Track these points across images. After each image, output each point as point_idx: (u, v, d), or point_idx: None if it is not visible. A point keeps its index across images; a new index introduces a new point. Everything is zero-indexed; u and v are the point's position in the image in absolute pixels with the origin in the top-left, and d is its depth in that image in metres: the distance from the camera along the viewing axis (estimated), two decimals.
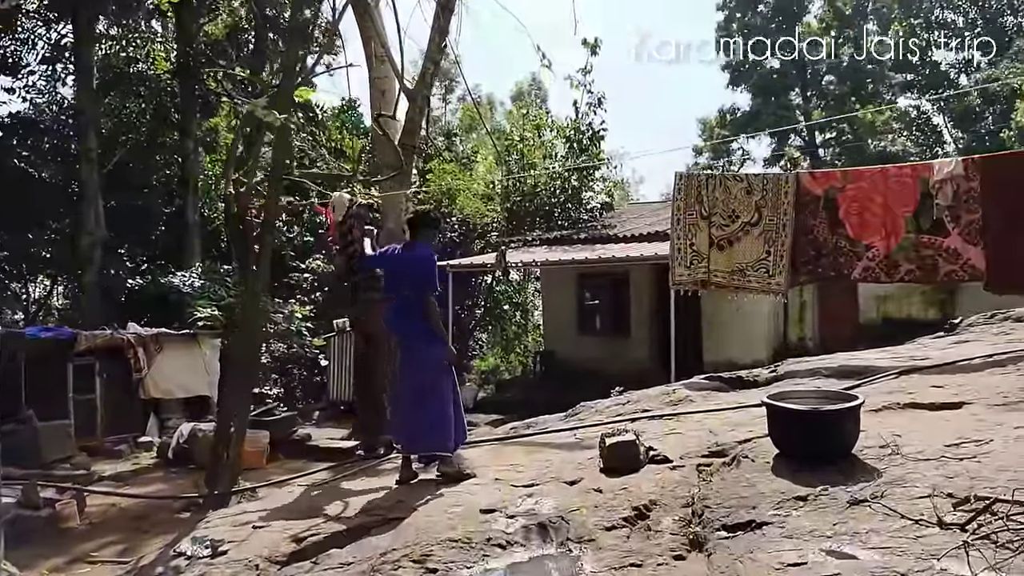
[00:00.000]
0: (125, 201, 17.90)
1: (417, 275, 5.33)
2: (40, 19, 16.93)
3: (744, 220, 7.32)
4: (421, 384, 5.28)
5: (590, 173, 18.13)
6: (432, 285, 5.39)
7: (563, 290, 16.70)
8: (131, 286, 15.86)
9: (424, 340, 5.30)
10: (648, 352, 15.68)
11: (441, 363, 5.38)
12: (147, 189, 18.79)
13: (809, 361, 7.37)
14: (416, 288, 5.31)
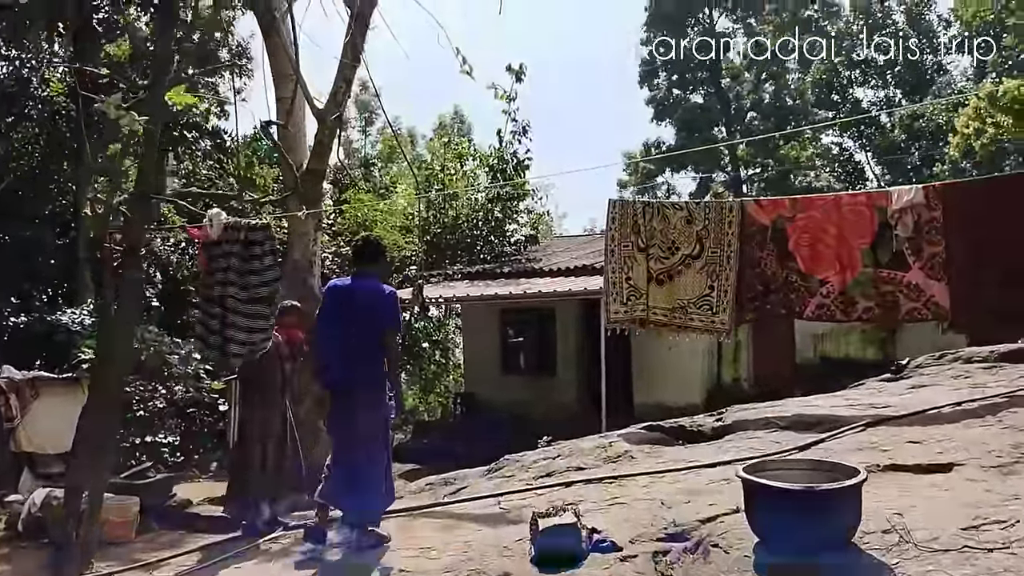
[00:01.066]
0: (12, 232, 16.42)
1: (377, 312, 4.86)
2: None
3: (685, 252, 6.71)
4: (369, 443, 4.83)
5: (514, 205, 17.53)
6: (397, 324, 5.02)
7: (485, 327, 15.94)
8: (15, 324, 14.38)
9: (378, 391, 4.86)
10: (576, 393, 15.01)
11: (389, 418, 5.01)
12: (38, 219, 17.30)
13: (757, 408, 6.75)
14: (374, 328, 4.83)
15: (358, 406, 4.84)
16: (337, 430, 5.02)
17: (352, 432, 4.86)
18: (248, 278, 5.69)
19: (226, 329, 5.65)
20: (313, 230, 9.44)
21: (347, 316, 4.91)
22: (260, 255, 5.74)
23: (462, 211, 17.91)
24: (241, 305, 5.66)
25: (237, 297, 5.65)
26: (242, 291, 5.66)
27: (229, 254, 5.69)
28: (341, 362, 4.87)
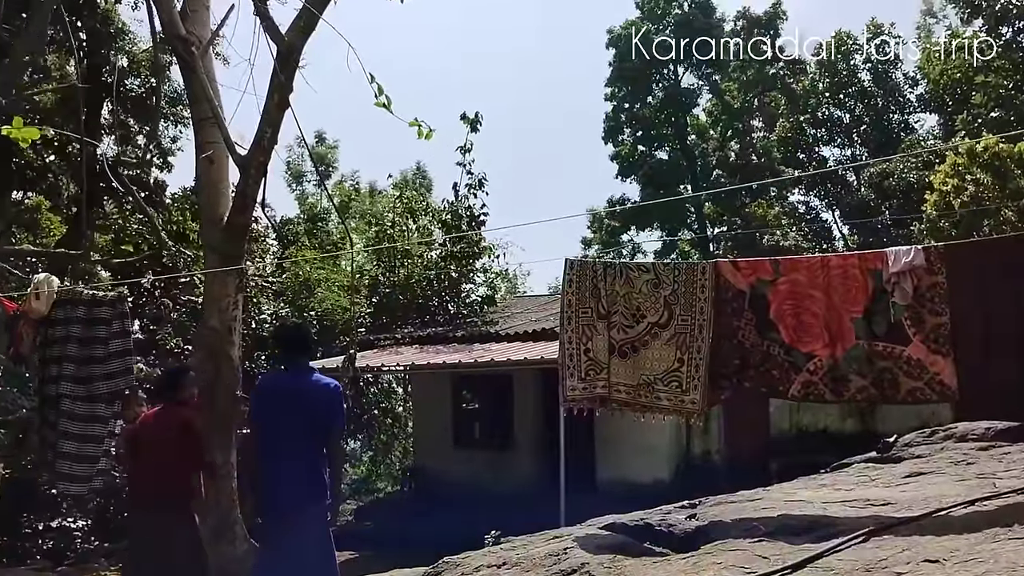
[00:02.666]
0: None
1: (319, 411, 4.45)
2: None
3: (651, 320, 5.97)
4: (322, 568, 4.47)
5: (469, 263, 16.82)
6: (342, 423, 4.63)
7: (436, 395, 15.09)
8: None
9: (321, 506, 4.49)
10: (535, 468, 14.15)
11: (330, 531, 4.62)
12: None
13: (736, 502, 5.95)
14: (317, 430, 4.43)
15: (299, 531, 4.45)
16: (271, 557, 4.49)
17: (300, 560, 4.42)
18: (89, 368, 4.73)
19: (60, 440, 4.68)
20: (235, 292, 8.56)
21: (284, 418, 4.49)
22: (105, 337, 4.77)
23: (414, 270, 17.16)
24: (78, 405, 4.70)
25: (73, 394, 4.68)
26: (79, 385, 4.70)
27: (67, 338, 4.71)
28: (282, 474, 4.45)
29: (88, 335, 4.76)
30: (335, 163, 40.73)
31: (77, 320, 4.76)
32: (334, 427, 4.58)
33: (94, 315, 4.79)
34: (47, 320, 4.79)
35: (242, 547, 8.30)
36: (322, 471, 4.54)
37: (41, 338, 4.82)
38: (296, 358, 4.74)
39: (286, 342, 4.85)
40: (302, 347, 4.80)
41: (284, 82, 8.04)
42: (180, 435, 5.62)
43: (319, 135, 41.31)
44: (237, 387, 8.54)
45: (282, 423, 4.51)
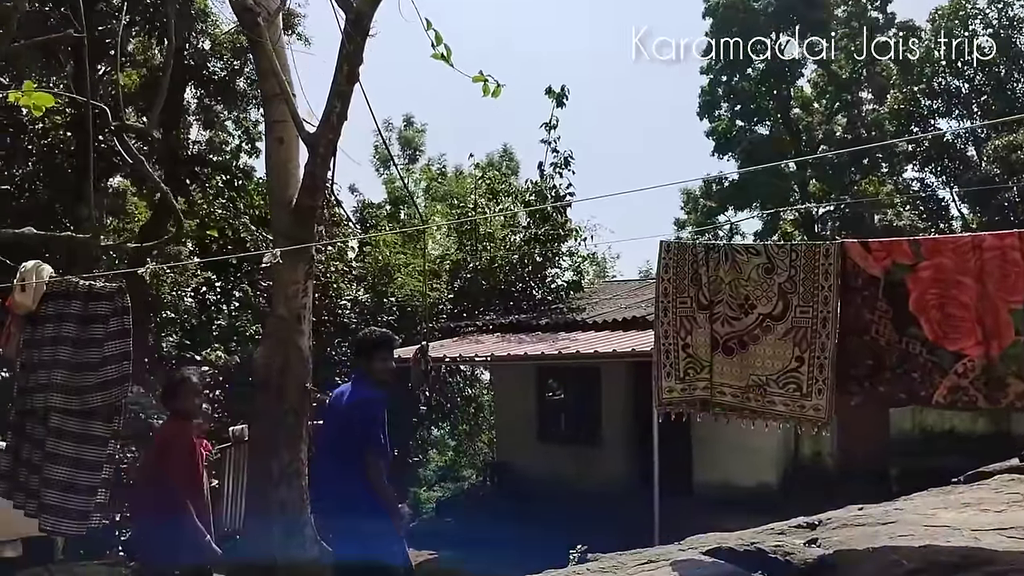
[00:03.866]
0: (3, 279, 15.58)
1: (347, 425, 4.57)
2: None
3: (763, 311, 5.25)
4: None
5: (554, 246, 16.20)
6: (370, 441, 4.54)
7: (519, 386, 14.56)
8: None
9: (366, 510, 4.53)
10: (625, 466, 13.48)
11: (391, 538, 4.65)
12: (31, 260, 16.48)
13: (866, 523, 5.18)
14: (346, 443, 4.55)
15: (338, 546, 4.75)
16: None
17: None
18: (83, 376, 4.20)
19: (46, 464, 4.16)
20: (304, 278, 8.19)
21: (329, 433, 4.74)
22: (102, 339, 4.24)
23: (497, 253, 16.65)
24: (70, 422, 4.19)
25: (65, 408, 4.17)
26: (72, 397, 4.19)
27: (58, 339, 4.17)
28: (318, 491, 4.80)
29: (84, 336, 4.25)
30: (422, 146, 40.62)
31: (71, 317, 4.24)
32: (360, 442, 4.54)
33: (91, 312, 4.26)
34: (36, 317, 4.27)
35: (312, 549, 7.94)
36: (356, 486, 4.54)
37: (27, 338, 4.30)
38: (358, 365, 4.90)
39: (353, 349, 5.23)
40: (359, 353, 4.91)
41: (353, 52, 7.58)
42: (155, 458, 5.29)
43: (407, 118, 41.30)
44: (307, 379, 8.19)
45: (323, 433, 4.80)
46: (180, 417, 5.31)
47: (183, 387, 5.33)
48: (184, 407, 5.30)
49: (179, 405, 5.30)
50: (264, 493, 7.83)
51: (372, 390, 4.76)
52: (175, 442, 5.09)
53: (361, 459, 4.52)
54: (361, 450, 4.52)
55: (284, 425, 7.81)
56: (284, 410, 7.83)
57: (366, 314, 15.54)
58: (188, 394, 5.29)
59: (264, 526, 7.85)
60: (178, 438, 5.15)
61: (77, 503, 4.15)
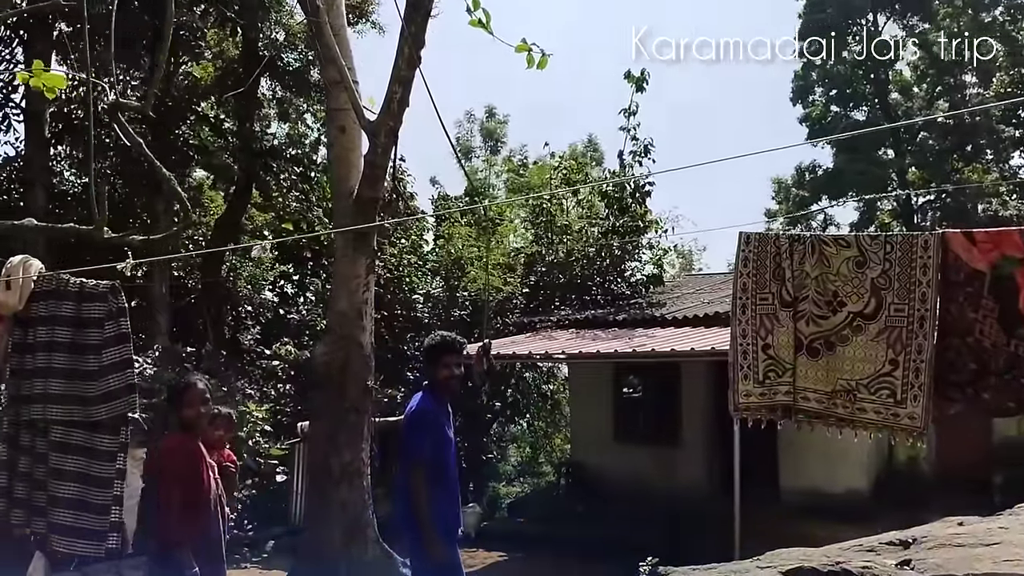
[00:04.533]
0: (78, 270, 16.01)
1: (402, 435, 4.66)
2: None
3: (853, 309, 4.83)
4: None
5: (634, 238, 15.74)
6: (412, 452, 4.49)
7: (595, 383, 14.19)
8: None
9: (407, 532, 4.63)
10: (705, 469, 13.02)
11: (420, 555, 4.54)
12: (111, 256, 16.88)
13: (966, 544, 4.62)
14: (402, 459, 4.68)
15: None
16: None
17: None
18: (83, 386, 3.92)
19: (50, 481, 3.91)
20: (365, 272, 8.02)
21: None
22: (99, 344, 3.98)
23: (574, 246, 16.31)
24: (74, 433, 3.92)
25: (68, 419, 3.93)
26: (75, 407, 3.91)
27: (52, 344, 3.89)
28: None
29: (80, 340, 3.99)
30: (504, 138, 40.57)
31: (63, 320, 3.98)
32: (405, 454, 4.56)
33: (84, 314, 3.99)
34: (25, 318, 4.02)
35: (374, 551, 7.79)
36: (404, 500, 4.58)
37: (17, 342, 4.05)
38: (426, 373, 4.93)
39: (421, 356, 5.22)
40: (426, 361, 4.90)
41: (414, 34, 7.35)
42: (151, 473, 4.96)
43: (489, 110, 41.30)
44: (369, 376, 8.03)
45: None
46: (182, 428, 4.74)
47: (187, 395, 4.73)
48: (186, 417, 4.69)
49: (181, 414, 4.74)
50: (325, 492, 7.70)
51: (427, 400, 4.69)
52: (168, 458, 4.61)
53: (405, 475, 4.51)
54: (405, 466, 4.52)
55: (345, 423, 7.67)
56: (345, 408, 7.68)
57: (439, 308, 15.40)
58: (192, 403, 4.66)
59: (324, 525, 7.73)
60: (173, 454, 4.62)
61: (91, 522, 3.92)
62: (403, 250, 16.05)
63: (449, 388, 4.83)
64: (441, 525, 4.54)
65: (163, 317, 15.75)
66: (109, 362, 4.06)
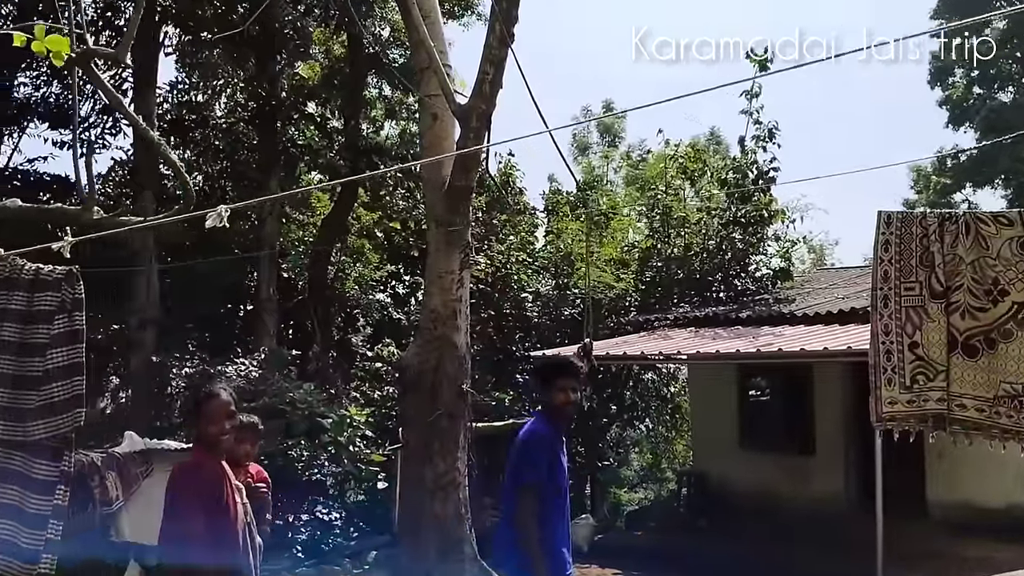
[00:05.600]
0: (187, 272, 16.38)
1: (510, 460, 4.49)
2: None
3: (1018, 299, 4.12)
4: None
5: (758, 230, 14.85)
6: (521, 476, 4.35)
7: (718, 386, 13.45)
8: (174, 377, 14.04)
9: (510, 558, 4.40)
10: (843, 480, 12.12)
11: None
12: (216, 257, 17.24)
13: None
14: (510, 480, 4.47)
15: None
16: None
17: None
18: (24, 397, 3.32)
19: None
20: (460, 268, 7.63)
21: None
22: (45, 342, 3.36)
23: (693, 239, 15.56)
24: (14, 458, 3.35)
25: (9, 439, 3.30)
26: (15, 425, 3.29)
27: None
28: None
29: (29, 339, 3.47)
30: (622, 133, 40.05)
31: (13, 315, 3.44)
32: (514, 477, 4.37)
33: (35, 306, 3.39)
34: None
35: (471, 569, 7.37)
36: (507, 527, 4.40)
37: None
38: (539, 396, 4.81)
39: (533, 379, 4.94)
40: (539, 384, 4.63)
41: (506, 9, 6.91)
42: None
43: (607, 104, 40.81)
44: (464, 379, 7.64)
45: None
46: (203, 446, 4.10)
47: (209, 407, 4.04)
48: (209, 434, 4.03)
49: (203, 430, 4.07)
50: (418, 504, 7.36)
51: (540, 423, 4.54)
52: (184, 483, 3.99)
53: (513, 499, 4.36)
54: (513, 490, 4.37)
55: (437, 430, 7.30)
56: (437, 414, 7.31)
57: (550, 306, 14.96)
58: (215, 417, 3.99)
59: (418, 540, 7.39)
60: (184, 479, 3.99)
61: (17, 570, 3.42)
62: (511, 247, 15.68)
63: (565, 414, 4.58)
64: (551, 554, 4.34)
65: (270, 319, 15.91)
66: (54, 366, 3.42)
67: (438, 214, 7.61)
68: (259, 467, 5.23)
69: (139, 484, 9.31)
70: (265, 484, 5.07)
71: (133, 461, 9.39)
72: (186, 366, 14.15)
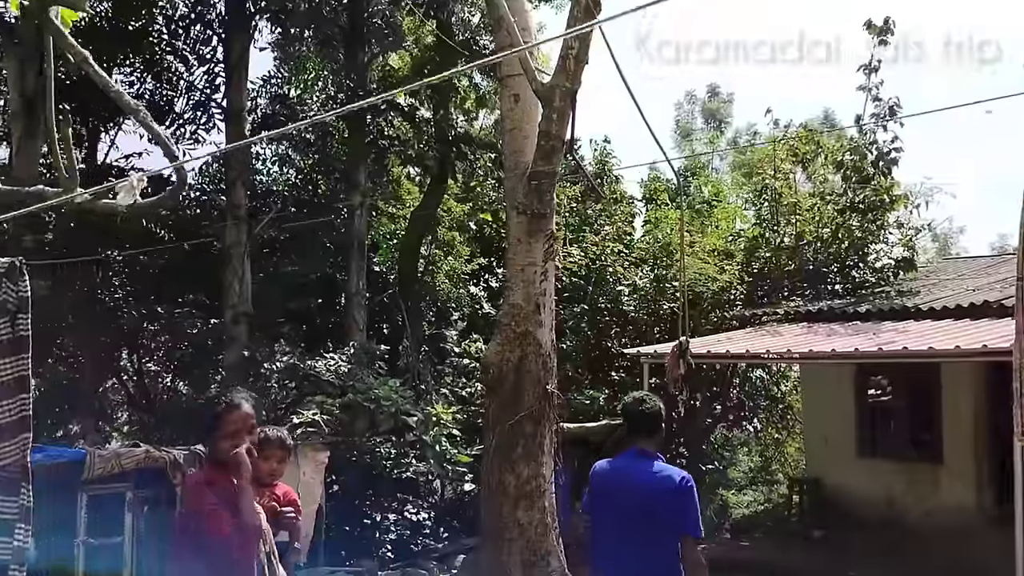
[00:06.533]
0: (277, 267, 16.47)
1: (668, 507, 4.27)
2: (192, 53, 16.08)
3: None
4: None
5: (878, 216, 13.91)
6: (697, 527, 4.30)
7: (832, 387, 12.70)
8: (265, 371, 14.10)
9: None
10: (974, 491, 11.21)
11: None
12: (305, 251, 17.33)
13: None
14: (658, 529, 4.28)
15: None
16: None
17: None
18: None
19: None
20: (543, 259, 7.21)
21: (621, 507, 4.36)
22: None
23: (805, 227, 14.71)
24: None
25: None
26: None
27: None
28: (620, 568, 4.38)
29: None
30: (728, 118, 39.14)
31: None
32: (685, 531, 4.24)
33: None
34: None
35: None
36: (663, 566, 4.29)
37: None
38: (640, 440, 4.46)
39: (627, 419, 4.56)
40: (646, 428, 4.46)
41: None
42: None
43: (712, 89, 39.88)
44: (549, 379, 7.22)
45: (609, 510, 4.42)
46: (215, 464, 3.74)
47: (224, 419, 3.67)
48: (217, 447, 3.68)
49: (213, 443, 3.71)
50: (500, 511, 6.98)
51: (678, 470, 4.50)
52: (185, 501, 3.74)
53: (673, 538, 4.31)
54: (679, 535, 4.31)
55: (520, 434, 6.90)
56: (519, 416, 6.91)
57: (647, 299, 14.38)
58: (230, 431, 3.64)
59: (501, 550, 7.01)
60: (189, 497, 3.67)
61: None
62: (606, 237, 15.17)
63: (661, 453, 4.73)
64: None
65: (360, 313, 15.83)
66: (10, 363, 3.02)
67: (519, 201, 7.20)
68: (288, 488, 4.70)
69: None
70: (293, 507, 4.50)
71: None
72: (277, 361, 14.17)
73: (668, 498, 4.26)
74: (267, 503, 4.17)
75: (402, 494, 12.44)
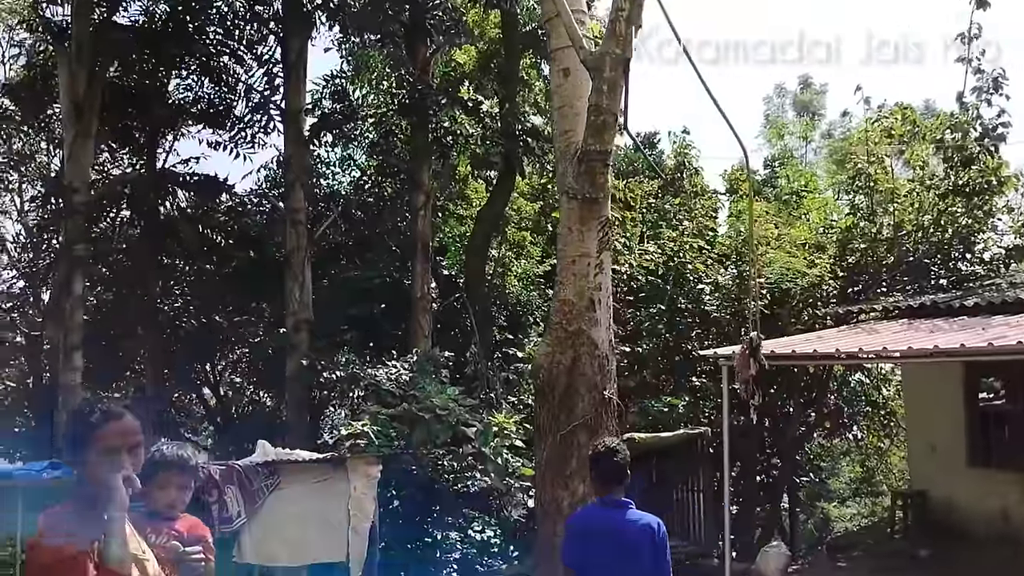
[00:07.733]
0: (340, 272, 16.27)
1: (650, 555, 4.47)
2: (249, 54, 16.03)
3: None
4: None
5: (985, 200, 12.90)
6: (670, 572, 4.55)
7: (940, 390, 11.80)
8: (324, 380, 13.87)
9: None
10: None
11: None
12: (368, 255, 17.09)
13: None
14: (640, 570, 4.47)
15: None
16: None
17: None
18: None
19: None
20: (597, 250, 6.64)
21: (600, 563, 4.50)
22: None
23: (905, 216, 13.77)
24: None
25: None
26: None
27: None
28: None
29: None
30: (822, 110, 38.26)
31: None
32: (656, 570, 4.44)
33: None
34: None
35: None
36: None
37: None
38: (614, 489, 4.58)
39: (601, 472, 4.60)
40: (617, 478, 4.59)
41: None
42: None
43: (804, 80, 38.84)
44: (607, 384, 6.64)
45: (595, 557, 4.49)
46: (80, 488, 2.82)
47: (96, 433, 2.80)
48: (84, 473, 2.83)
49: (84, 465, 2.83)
50: (553, 533, 6.42)
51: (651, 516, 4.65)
52: (37, 552, 2.66)
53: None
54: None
55: (574, 446, 6.33)
56: (573, 425, 6.35)
57: (731, 298, 13.65)
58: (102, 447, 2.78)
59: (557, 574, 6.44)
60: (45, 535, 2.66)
61: None
62: (685, 232, 14.48)
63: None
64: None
65: (424, 318, 15.47)
66: None
67: (568, 185, 6.65)
68: (195, 521, 3.69)
69: (263, 499, 9.02)
70: (201, 541, 3.52)
71: (257, 474, 9.08)
72: (338, 369, 13.91)
73: (650, 546, 4.44)
74: (166, 542, 3.37)
75: (469, 510, 11.99)
